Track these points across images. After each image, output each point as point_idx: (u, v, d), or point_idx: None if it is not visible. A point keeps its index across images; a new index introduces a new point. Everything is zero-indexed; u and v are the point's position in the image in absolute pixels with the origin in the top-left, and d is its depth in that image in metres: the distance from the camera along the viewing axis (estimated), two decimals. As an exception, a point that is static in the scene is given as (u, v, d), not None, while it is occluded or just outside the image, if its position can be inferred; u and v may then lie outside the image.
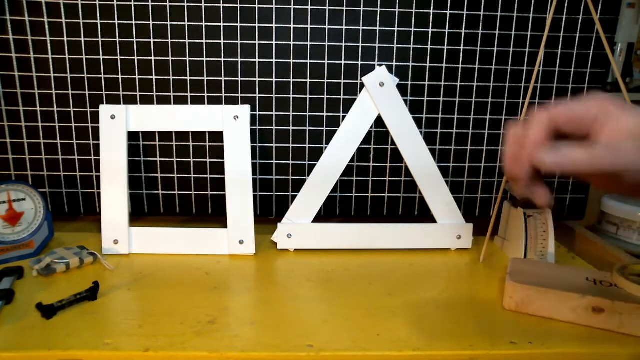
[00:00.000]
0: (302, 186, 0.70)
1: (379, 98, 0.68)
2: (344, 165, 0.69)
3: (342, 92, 0.71)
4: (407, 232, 0.69)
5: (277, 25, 0.69)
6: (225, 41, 0.69)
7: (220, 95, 0.70)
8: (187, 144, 0.72)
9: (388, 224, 0.69)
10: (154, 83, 0.70)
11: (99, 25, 0.67)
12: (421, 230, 0.70)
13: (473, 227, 0.70)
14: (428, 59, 0.71)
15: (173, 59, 0.69)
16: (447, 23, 0.70)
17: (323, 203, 0.70)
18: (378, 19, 0.69)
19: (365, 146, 0.73)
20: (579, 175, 0.38)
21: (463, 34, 0.70)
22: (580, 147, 0.37)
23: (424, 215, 0.75)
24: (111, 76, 0.69)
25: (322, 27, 0.69)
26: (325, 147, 0.72)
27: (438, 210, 0.70)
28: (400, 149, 0.70)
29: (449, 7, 0.69)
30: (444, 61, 0.71)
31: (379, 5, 0.68)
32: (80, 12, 0.67)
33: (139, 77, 0.69)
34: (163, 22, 0.68)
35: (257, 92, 0.71)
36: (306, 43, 0.69)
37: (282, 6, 0.68)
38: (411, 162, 0.70)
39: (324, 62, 0.70)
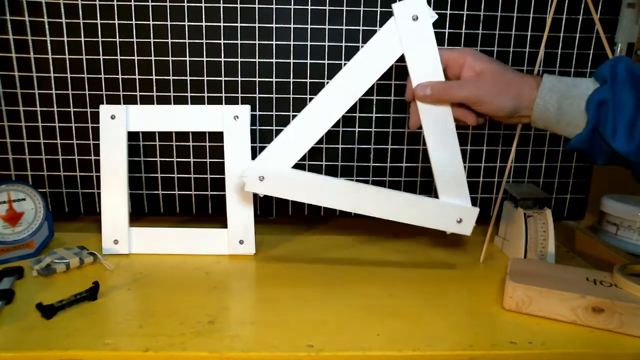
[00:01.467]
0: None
1: (408, 34, 0.55)
2: (345, 107, 0.57)
3: (342, 92, 0.71)
4: (400, 202, 0.59)
5: (277, 25, 0.69)
6: (225, 41, 0.69)
7: (220, 95, 0.70)
8: (187, 144, 0.72)
9: (381, 188, 0.59)
10: (154, 83, 0.70)
11: (99, 25, 0.67)
12: (416, 204, 0.59)
13: (478, 212, 0.60)
14: (428, 59, 0.71)
15: (173, 59, 0.69)
16: (447, 23, 0.70)
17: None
18: (378, 19, 0.69)
19: (365, 146, 0.73)
20: (445, 103, 0.55)
21: (463, 34, 0.70)
22: (441, 81, 0.55)
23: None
24: (111, 76, 0.69)
25: (322, 27, 0.69)
26: (325, 148, 0.72)
27: (443, 184, 0.58)
28: (419, 103, 0.56)
29: (449, 7, 0.69)
30: (444, 61, 0.71)
31: (379, 5, 0.68)
32: (80, 12, 0.67)
33: (139, 77, 0.69)
34: (163, 22, 0.68)
35: (257, 92, 0.71)
36: (306, 43, 0.69)
37: (282, 6, 0.68)
38: (427, 119, 0.56)
39: (324, 62, 0.70)
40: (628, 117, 0.45)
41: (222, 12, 0.68)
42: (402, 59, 0.57)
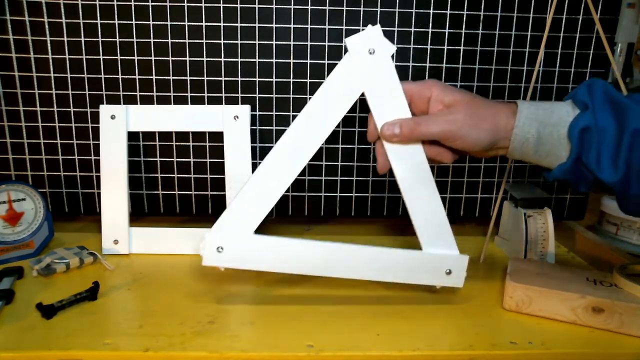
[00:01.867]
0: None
1: (366, 70, 0.49)
2: (306, 158, 0.51)
3: (342, 92, 0.71)
4: (380, 260, 0.52)
5: (277, 25, 0.69)
6: (225, 41, 0.69)
7: (220, 95, 0.70)
8: (187, 144, 0.72)
9: (357, 245, 0.52)
10: (154, 83, 0.70)
11: (99, 25, 0.67)
12: (398, 259, 0.53)
13: (468, 260, 0.54)
14: (428, 59, 0.71)
15: (173, 59, 0.69)
16: (447, 23, 0.70)
17: (323, 203, 0.70)
18: (378, 19, 0.69)
19: (365, 146, 0.73)
20: (415, 142, 0.50)
21: (463, 34, 0.70)
22: (411, 118, 0.49)
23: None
24: (111, 76, 0.69)
25: (322, 27, 0.69)
26: (325, 148, 0.72)
27: (425, 233, 0.53)
28: (386, 144, 0.51)
29: (449, 7, 0.69)
30: (444, 61, 0.71)
31: (379, 5, 0.68)
32: (80, 12, 0.67)
33: (139, 77, 0.69)
34: (163, 22, 0.68)
35: (257, 92, 0.71)
36: (306, 43, 0.69)
37: (282, 6, 0.68)
38: (398, 162, 0.51)
39: (324, 62, 0.70)
40: (612, 145, 0.43)
41: (222, 12, 0.68)
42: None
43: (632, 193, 0.44)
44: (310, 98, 0.70)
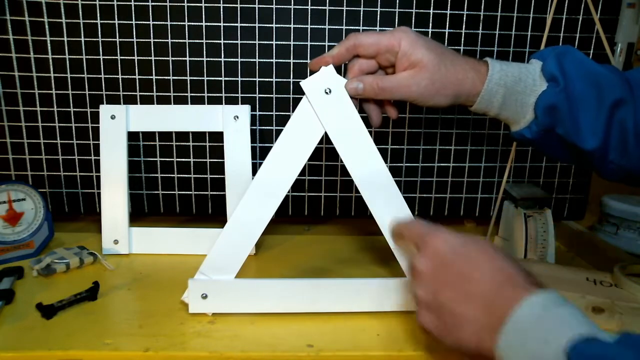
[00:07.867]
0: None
1: (324, 111, 0.50)
2: (277, 200, 0.51)
3: (342, 92, 0.71)
4: (362, 291, 0.52)
5: (277, 25, 0.69)
6: (225, 41, 0.69)
7: (220, 95, 0.70)
8: (187, 144, 0.72)
9: (340, 279, 0.53)
10: (154, 83, 0.70)
11: (99, 25, 0.67)
12: (380, 288, 0.52)
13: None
14: (428, 59, 0.71)
15: (173, 59, 0.69)
16: (447, 23, 0.70)
17: (323, 203, 0.70)
18: (378, 19, 0.69)
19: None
20: (378, 98, 0.50)
21: (463, 34, 0.70)
22: (375, 78, 0.48)
23: (424, 214, 0.75)
24: (111, 76, 0.69)
25: (322, 27, 0.69)
26: (325, 148, 0.72)
27: (404, 260, 0.53)
28: (355, 178, 0.52)
29: (449, 7, 0.69)
30: (444, 61, 0.71)
31: (379, 5, 0.68)
32: (80, 12, 0.67)
33: (139, 77, 0.69)
34: (163, 22, 0.68)
35: (257, 92, 0.71)
36: (306, 43, 0.69)
37: (282, 6, 0.68)
38: (371, 196, 0.53)
39: (324, 62, 0.70)
40: (591, 114, 0.45)
41: (222, 12, 0.68)
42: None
43: (610, 159, 0.47)
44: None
